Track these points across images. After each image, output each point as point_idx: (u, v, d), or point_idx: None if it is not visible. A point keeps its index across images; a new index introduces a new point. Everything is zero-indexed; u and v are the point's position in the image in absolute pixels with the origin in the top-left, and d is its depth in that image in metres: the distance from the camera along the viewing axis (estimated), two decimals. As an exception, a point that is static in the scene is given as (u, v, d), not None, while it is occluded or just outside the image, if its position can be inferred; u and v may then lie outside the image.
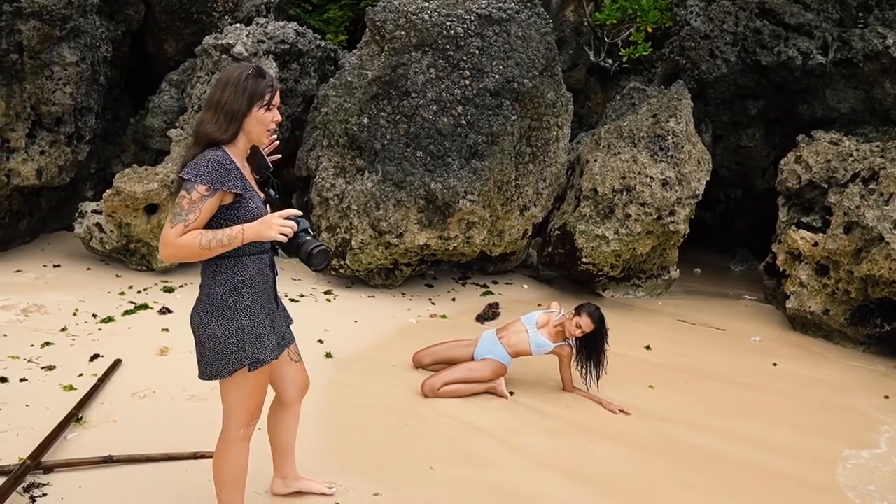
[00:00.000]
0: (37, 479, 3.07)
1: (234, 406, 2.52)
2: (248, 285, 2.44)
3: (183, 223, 2.25)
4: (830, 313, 6.39)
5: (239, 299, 2.41)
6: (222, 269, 2.41)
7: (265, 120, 2.40)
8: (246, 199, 2.35)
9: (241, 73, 2.36)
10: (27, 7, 5.29)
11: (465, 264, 7.31)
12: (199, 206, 2.26)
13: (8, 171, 5.81)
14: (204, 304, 2.43)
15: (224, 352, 2.40)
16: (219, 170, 2.28)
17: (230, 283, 2.41)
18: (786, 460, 4.09)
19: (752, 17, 8.18)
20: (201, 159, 2.29)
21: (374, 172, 6.14)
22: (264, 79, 2.38)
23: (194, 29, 7.29)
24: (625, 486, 3.59)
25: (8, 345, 4.51)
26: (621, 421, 4.38)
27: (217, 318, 2.40)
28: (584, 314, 4.39)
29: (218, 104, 2.34)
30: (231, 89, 2.33)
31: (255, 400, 2.54)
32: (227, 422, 2.55)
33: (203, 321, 2.42)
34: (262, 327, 2.47)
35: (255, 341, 2.44)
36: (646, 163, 6.57)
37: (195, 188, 2.26)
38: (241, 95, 2.33)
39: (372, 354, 5.00)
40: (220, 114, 2.33)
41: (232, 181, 2.31)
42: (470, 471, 3.53)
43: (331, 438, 3.69)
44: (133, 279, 6.11)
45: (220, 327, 2.39)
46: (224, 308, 2.40)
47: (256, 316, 2.46)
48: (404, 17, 6.01)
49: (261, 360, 2.45)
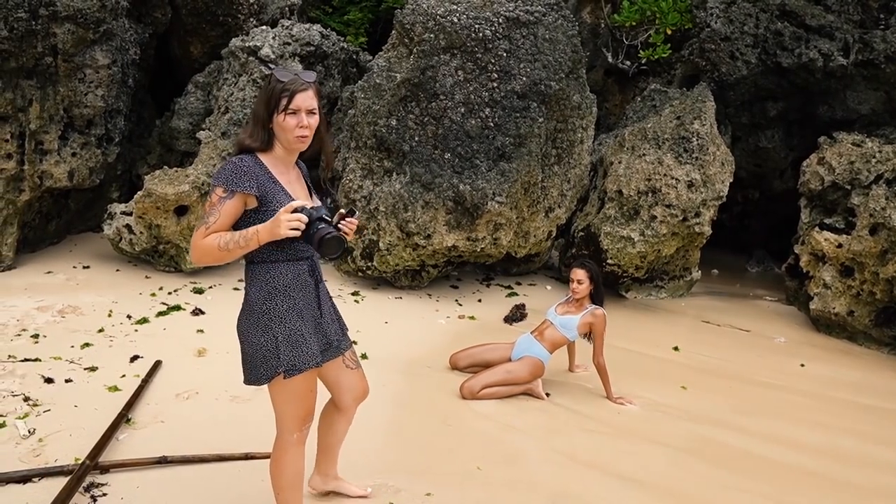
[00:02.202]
0: (95, 479, 3.11)
1: (282, 411, 2.51)
2: (283, 292, 2.41)
3: (205, 225, 2.30)
4: (855, 314, 6.41)
5: (273, 307, 2.40)
6: (257, 276, 2.42)
7: (288, 126, 2.32)
8: (272, 203, 2.32)
9: (268, 79, 2.38)
10: (63, 11, 5.35)
11: (489, 266, 7.35)
12: (217, 208, 2.29)
13: (41, 172, 5.87)
14: (244, 310, 2.46)
15: (260, 359, 2.40)
16: (235, 172, 2.30)
17: (264, 289, 2.41)
18: (821, 460, 4.12)
19: (772, 19, 8.21)
20: (224, 163, 2.35)
21: (402, 174, 6.18)
22: (282, 83, 2.32)
23: (220, 31, 7.33)
24: (668, 485, 3.62)
25: (49, 346, 4.56)
26: (657, 421, 4.42)
27: (253, 325, 2.41)
28: (572, 268, 4.62)
29: (254, 111, 2.41)
30: (260, 96, 2.38)
31: (304, 405, 2.51)
32: (279, 426, 2.55)
33: (242, 328, 2.45)
34: (300, 335, 2.42)
35: (290, 349, 2.40)
36: (671, 165, 6.60)
37: (214, 191, 2.31)
38: (262, 104, 2.35)
39: (406, 355, 5.04)
40: (251, 121, 2.39)
41: (248, 183, 2.29)
42: (516, 471, 3.57)
43: (378, 439, 3.73)
44: (162, 280, 6.15)
45: (255, 334, 2.40)
46: (259, 315, 2.40)
47: (293, 323, 2.42)
48: (433, 20, 6.05)
49: (297, 367, 2.40)
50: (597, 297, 4.62)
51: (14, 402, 3.74)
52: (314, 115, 2.37)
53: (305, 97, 2.32)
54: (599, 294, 4.63)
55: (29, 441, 3.37)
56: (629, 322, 6.50)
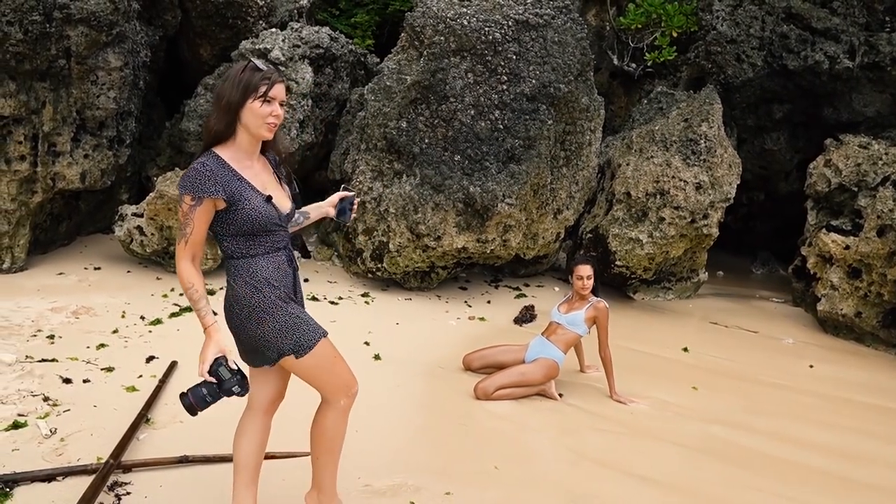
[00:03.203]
0: (119, 478, 3.13)
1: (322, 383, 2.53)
2: (269, 284, 2.42)
3: (183, 239, 2.31)
4: (863, 316, 6.44)
5: (262, 298, 2.40)
6: (241, 271, 2.42)
7: (262, 112, 2.34)
8: (241, 202, 2.33)
9: (238, 68, 2.38)
10: (77, 13, 5.37)
11: (497, 267, 7.38)
12: (191, 218, 2.30)
13: (53, 174, 5.90)
14: (231, 305, 2.44)
15: (263, 345, 2.42)
16: (199, 177, 2.28)
17: (250, 283, 2.40)
18: (833, 460, 4.14)
19: (778, 22, 8.25)
20: (188, 170, 2.32)
21: (412, 176, 6.21)
22: (261, 71, 2.36)
23: (229, 34, 7.37)
24: (684, 484, 3.65)
25: (65, 346, 4.59)
26: (670, 421, 4.45)
27: (246, 318, 2.41)
28: (577, 265, 4.66)
29: (219, 97, 2.37)
30: (229, 83, 2.35)
31: (338, 370, 2.54)
32: (325, 396, 2.56)
33: (235, 322, 2.44)
34: (296, 317, 2.45)
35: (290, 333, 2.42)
36: (679, 167, 6.63)
37: (183, 199, 2.31)
38: (236, 88, 2.33)
39: (418, 356, 5.07)
40: (217, 110, 2.36)
41: (214, 186, 2.29)
42: (533, 470, 3.60)
43: (396, 438, 3.76)
44: (173, 281, 6.18)
45: (251, 326, 2.41)
46: (251, 309, 2.40)
47: (285, 309, 2.44)
48: (443, 23, 6.09)
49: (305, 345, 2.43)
50: (595, 291, 4.69)
51: (34, 401, 3.77)
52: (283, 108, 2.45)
53: (281, 89, 2.40)
54: (597, 287, 4.72)
55: (51, 440, 3.40)
56: (637, 323, 6.54)
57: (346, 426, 2.65)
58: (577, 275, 4.63)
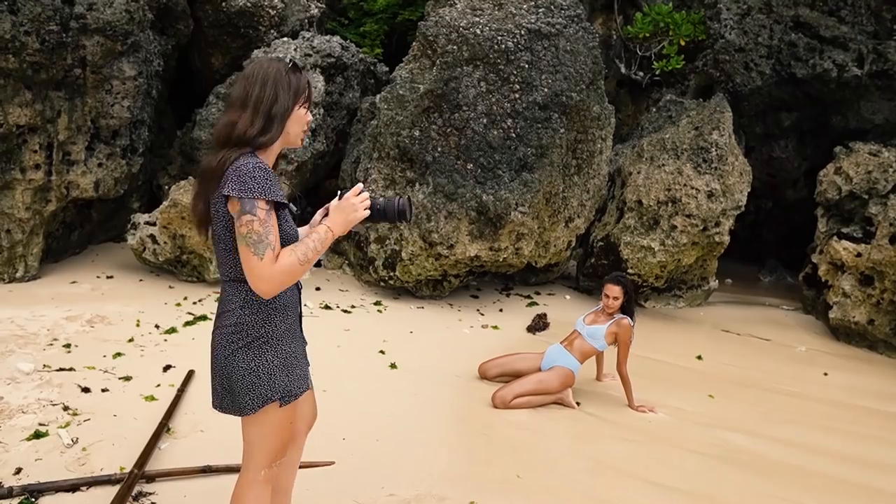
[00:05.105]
0: (142, 487, 3.13)
1: (258, 445, 2.19)
2: (282, 312, 2.16)
3: (270, 249, 1.95)
4: (875, 323, 6.44)
5: (271, 329, 2.13)
6: (254, 296, 2.08)
7: (305, 119, 2.16)
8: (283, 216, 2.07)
9: (280, 68, 2.08)
10: (93, 23, 5.40)
11: (508, 275, 7.38)
12: (269, 224, 1.97)
13: (68, 183, 5.91)
14: (229, 333, 2.10)
15: (248, 386, 2.10)
16: (266, 178, 1.97)
17: (263, 311, 2.11)
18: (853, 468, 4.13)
19: (786, 31, 8.28)
20: (244, 171, 1.95)
21: (424, 184, 6.22)
22: (302, 73, 2.15)
23: (241, 43, 7.40)
24: (705, 493, 3.64)
25: (81, 355, 4.59)
26: (688, 429, 4.44)
27: (243, 349, 2.09)
28: (607, 284, 4.60)
29: (257, 102, 2.03)
30: (272, 86, 2.05)
31: (283, 436, 2.22)
32: (247, 461, 2.22)
33: (226, 352, 2.10)
34: (294, 357, 2.21)
35: (285, 374, 2.15)
36: (690, 175, 6.65)
37: (256, 206, 1.95)
38: (287, 92, 2.07)
39: (434, 364, 5.06)
40: (258, 114, 2.04)
41: (278, 188, 2.02)
42: (555, 479, 3.59)
43: (417, 447, 3.75)
44: (186, 290, 6.19)
45: (245, 360, 2.09)
46: (253, 339, 2.10)
47: (287, 345, 2.18)
48: (456, 32, 6.12)
49: (292, 393, 2.17)
50: (628, 310, 4.65)
51: (54, 411, 3.76)
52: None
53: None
54: (631, 307, 4.65)
55: (73, 450, 3.39)
56: (650, 331, 6.52)
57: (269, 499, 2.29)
58: (605, 293, 4.60)
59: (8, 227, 5.76)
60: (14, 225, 5.77)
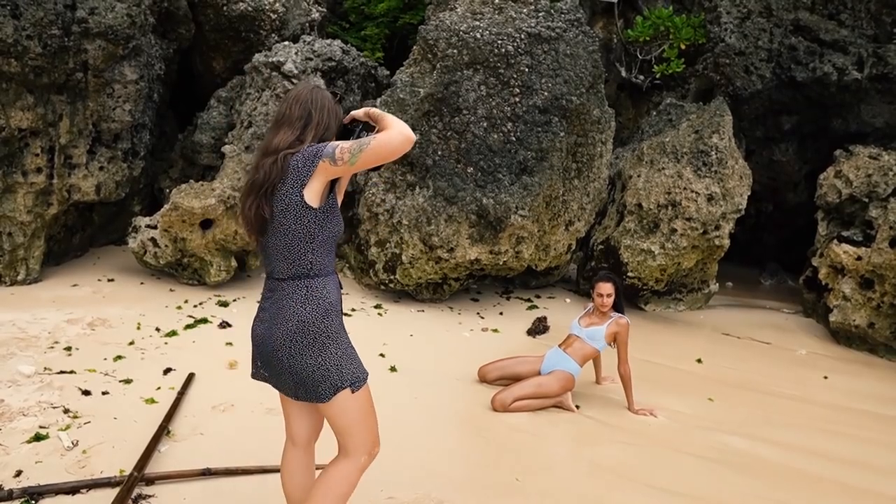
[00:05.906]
0: (142, 490, 3.13)
1: (356, 431, 2.36)
2: (335, 307, 2.33)
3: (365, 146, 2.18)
4: (876, 327, 6.44)
5: (329, 324, 2.29)
6: (314, 293, 2.27)
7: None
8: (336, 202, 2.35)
9: (327, 96, 2.37)
10: (94, 27, 5.42)
11: (508, 279, 7.38)
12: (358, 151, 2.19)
13: (69, 186, 5.93)
14: (292, 332, 2.25)
15: (320, 378, 2.26)
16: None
17: (322, 306, 2.28)
18: (853, 472, 4.13)
19: (786, 34, 8.30)
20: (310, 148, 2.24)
21: (425, 188, 6.23)
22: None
23: (242, 47, 7.43)
24: (705, 496, 3.64)
25: (82, 358, 4.60)
26: (688, 433, 4.44)
27: (308, 346, 2.25)
28: (598, 283, 4.65)
29: (317, 125, 2.30)
30: (326, 112, 2.32)
31: (374, 420, 2.41)
32: (350, 448, 2.36)
33: (294, 351, 2.25)
34: (351, 347, 2.38)
35: (350, 363, 2.33)
36: (691, 178, 6.65)
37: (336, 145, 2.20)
38: (335, 119, 2.34)
39: (433, 368, 5.07)
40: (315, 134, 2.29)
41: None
42: (555, 482, 3.59)
43: (417, 450, 3.75)
44: (187, 293, 6.20)
45: (311, 356, 2.26)
46: (316, 337, 2.25)
47: (344, 337, 2.35)
48: (457, 36, 6.13)
49: (360, 378, 2.34)
50: (618, 307, 4.67)
51: (55, 413, 3.77)
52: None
53: None
54: (620, 304, 4.69)
55: (73, 453, 3.40)
56: (650, 335, 6.53)
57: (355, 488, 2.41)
58: (598, 292, 4.63)
59: (9, 231, 5.78)
60: (16, 228, 5.79)
